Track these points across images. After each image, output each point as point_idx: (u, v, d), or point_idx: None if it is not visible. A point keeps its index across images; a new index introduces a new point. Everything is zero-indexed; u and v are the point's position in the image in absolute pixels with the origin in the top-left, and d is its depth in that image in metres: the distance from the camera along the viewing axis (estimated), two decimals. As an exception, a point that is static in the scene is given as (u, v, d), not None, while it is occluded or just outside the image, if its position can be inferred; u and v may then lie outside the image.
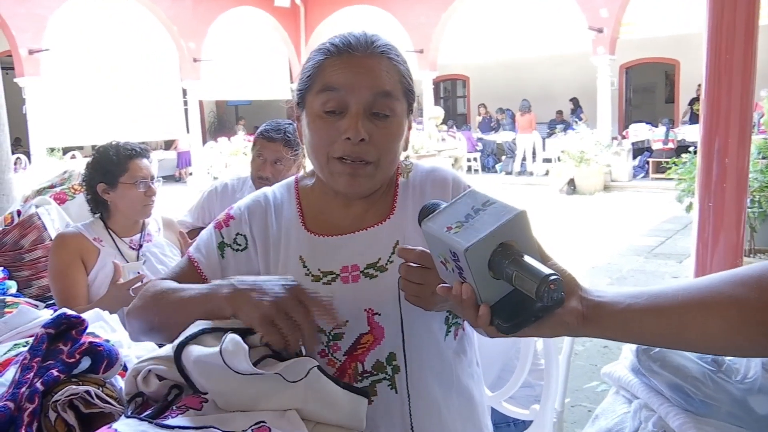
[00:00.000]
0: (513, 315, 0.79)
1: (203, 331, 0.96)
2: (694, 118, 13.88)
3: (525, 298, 0.77)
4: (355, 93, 1.07)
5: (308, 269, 1.13)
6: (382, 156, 1.09)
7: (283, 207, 1.20)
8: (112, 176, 2.17)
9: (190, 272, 1.16)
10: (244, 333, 0.96)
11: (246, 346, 0.91)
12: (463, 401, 1.19)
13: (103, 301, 2.04)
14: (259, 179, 2.49)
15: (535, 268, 0.76)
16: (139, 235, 2.27)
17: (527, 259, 0.77)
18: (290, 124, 2.45)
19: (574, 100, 16.24)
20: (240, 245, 1.17)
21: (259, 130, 2.56)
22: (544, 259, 0.82)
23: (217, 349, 0.91)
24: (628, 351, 1.57)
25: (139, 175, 2.17)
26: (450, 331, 1.18)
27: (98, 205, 2.24)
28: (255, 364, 0.91)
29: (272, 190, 1.23)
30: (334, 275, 1.12)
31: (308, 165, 1.22)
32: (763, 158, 5.53)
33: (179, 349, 0.95)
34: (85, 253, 2.16)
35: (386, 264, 1.12)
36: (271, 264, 1.16)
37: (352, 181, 1.09)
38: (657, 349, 1.46)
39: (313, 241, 1.15)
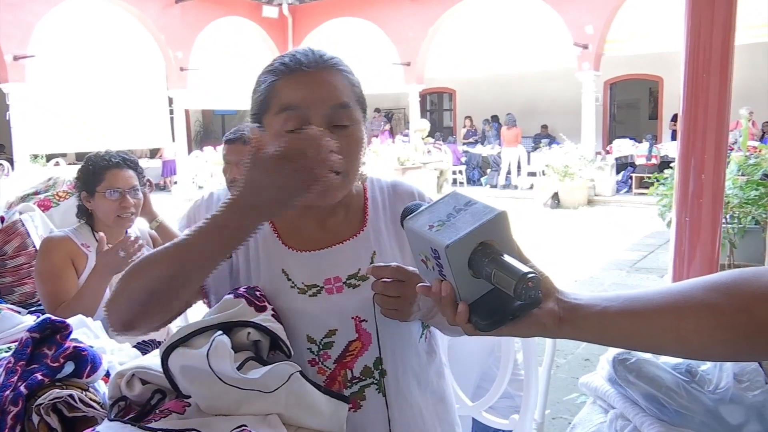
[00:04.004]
0: (491, 313, 0.81)
1: (192, 334, 0.97)
2: (675, 134, 14.04)
3: (503, 297, 0.80)
4: (314, 108, 1.07)
5: (293, 282, 1.15)
6: (349, 166, 1.11)
7: None
8: (90, 185, 2.18)
9: None
10: (231, 331, 0.98)
11: (232, 351, 0.93)
12: (436, 400, 1.24)
13: (95, 273, 2.03)
14: (230, 183, 2.53)
15: (514, 266, 0.78)
16: None
17: (506, 258, 0.80)
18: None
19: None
20: None
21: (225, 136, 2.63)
22: (524, 261, 0.84)
23: (203, 352, 0.92)
24: (604, 361, 1.60)
25: (114, 186, 2.17)
26: (423, 334, 1.23)
27: (84, 213, 2.24)
28: (240, 367, 0.93)
29: None
30: (319, 287, 1.14)
31: None
32: (743, 174, 5.62)
33: (168, 351, 0.96)
34: (75, 257, 2.15)
35: (367, 273, 1.14)
36: (252, 276, 1.17)
37: (323, 194, 1.08)
38: (633, 359, 1.49)
39: (293, 257, 1.17)
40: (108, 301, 1.04)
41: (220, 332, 0.96)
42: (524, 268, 0.77)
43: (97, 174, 2.17)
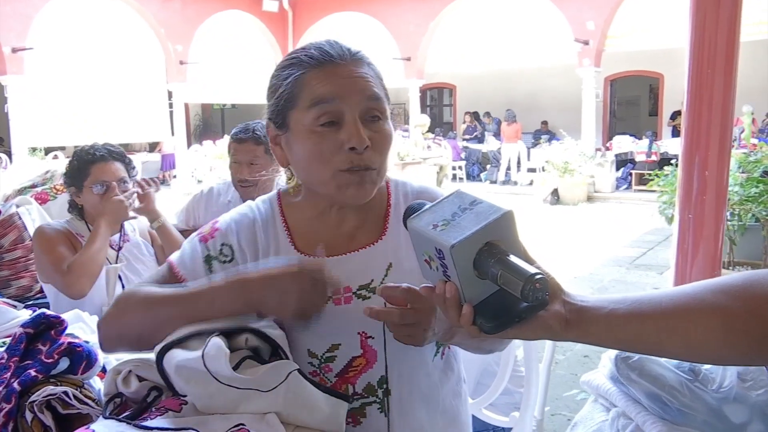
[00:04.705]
0: (496, 315, 0.79)
1: (188, 336, 0.96)
2: (675, 132, 14.05)
3: (509, 298, 0.78)
4: (350, 101, 1.04)
5: None
6: (382, 161, 1.08)
7: (269, 222, 1.16)
8: (77, 180, 2.17)
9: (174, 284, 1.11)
10: (229, 335, 0.96)
11: (227, 350, 0.91)
12: (447, 421, 1.19)
13: (101, 221, 2.09)
14: (240, 182, 2.49)
15: (521, 267, 0.76)
16: (117, 236, 2.25)
17: (513, 258, 0.78)
18: (259, 122, 2.43)
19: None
20: (227, 256, 1.12)
21: (230, 134, 2.56)
22: (529, 261, 0.82)
23: (199, 352, 0.91)
24: (606, 360, 1.59)
25: (100, 179, 2.15)
26: (438, 352, 1.17)
27: (75, 208, 2.24)
28: (236, 367, 0.91)
29: (256, 204, 1.19)
30: (327, 297, 1.09)
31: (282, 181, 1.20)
32: (744, 172, 5.61)
33: (162, 352, 0.94)
34: (72, 241, 2.15)
35: (379, 286, 1.09)
36: None
37: (360, 190, 1.06)
38: (635, 357, 1.47)
39: (304, 262, 1.11)
40: (103, 322, 1.08)
41: (216, 332, 0.94)
42: (532, 269, 0.75)
43: (83, 169, 2.16)
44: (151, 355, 1.01)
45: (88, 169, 2.15)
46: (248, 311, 0.99)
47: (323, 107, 1.04)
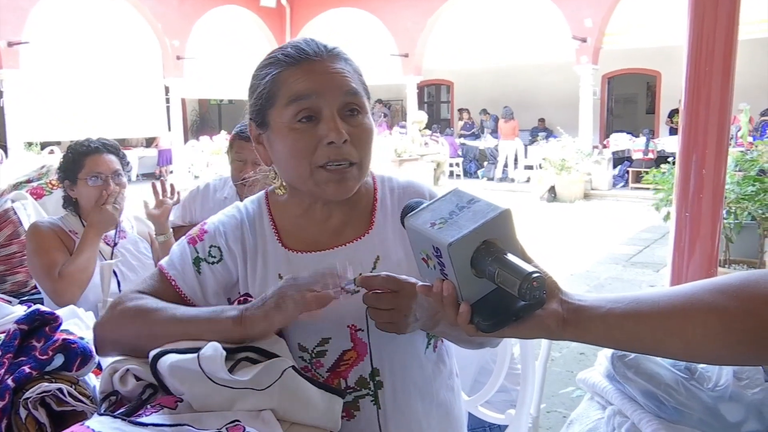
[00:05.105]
0: (493, 314, 0.79)
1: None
2: (672, 130, 14.07)
3: (506, 297, 0.78)
4: (327, 96, 1.05)
5: None
6: (363, 155, 1.09)
7: (256, 222, 1.18)
8: (72, 173, 2.16)
9: (166, 289, 1.13)
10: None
11: (223, 352, 0.91)
12: (441, 414, 1.19)
13: (90, 229, 2.09)
14: (243, 181, 2.46)
15: (518, 265, 0.76)
16: (114, 232, 2.24)
17: (510, 256, 0.78)
18: None
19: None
20: (215, 257, 1.14)
21: (234, 131, 2.52)
22: (527, 260, 0.82)
23: (194, 355, 0.90)
24: (603, 357, 1.59)
25: (94, 171, 2.15)
26: (430, 344, 1.18)
27: (70, 203, 2.23)
28: (232, 368, 0.91)
29: (244, 205, 1.21)
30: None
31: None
32: (740, 170, 5.61)
33: (156, 357, 0.94)
34: (64, 239, 2.14)
35: (356, 284, 1.08)
36: (249, 279, 1.14)
37: (340, 186, 1.07)
38: (632, 356, 1.47)
39: (292, 258, 1.13)
40: (98, 326, 1.10)
41: None
42: (529, 268, 0.75)
43: (78, 161, 2.15)
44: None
45: (83, 161, 2.15)
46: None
47: (301, 104, 1.05)
